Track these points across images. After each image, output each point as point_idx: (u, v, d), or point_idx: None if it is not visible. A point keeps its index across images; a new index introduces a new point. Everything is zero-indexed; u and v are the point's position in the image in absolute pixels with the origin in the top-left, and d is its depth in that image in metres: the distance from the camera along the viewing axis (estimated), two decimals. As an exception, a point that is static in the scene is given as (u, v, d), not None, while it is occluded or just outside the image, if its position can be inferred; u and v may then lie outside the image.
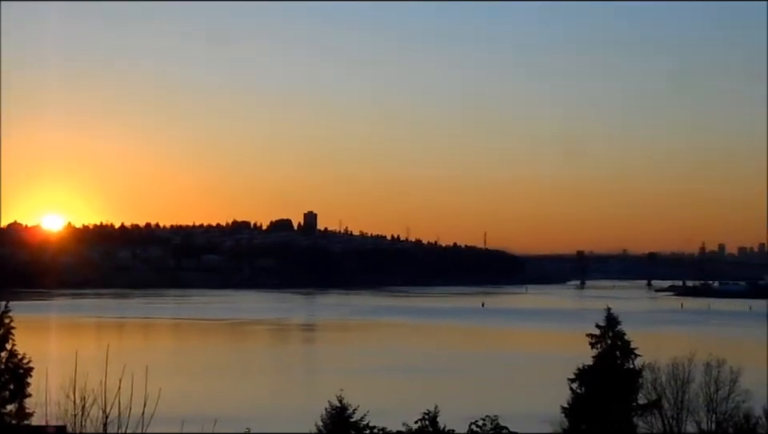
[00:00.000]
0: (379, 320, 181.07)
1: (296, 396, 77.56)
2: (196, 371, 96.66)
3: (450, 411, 26.46)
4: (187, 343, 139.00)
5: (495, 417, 22.83)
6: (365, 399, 31.69)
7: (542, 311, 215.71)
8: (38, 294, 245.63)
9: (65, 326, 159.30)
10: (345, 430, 29.43)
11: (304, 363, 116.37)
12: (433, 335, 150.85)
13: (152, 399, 16.47)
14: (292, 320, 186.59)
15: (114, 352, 18.08)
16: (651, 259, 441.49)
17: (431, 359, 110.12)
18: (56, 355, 22.66)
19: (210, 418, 17.48)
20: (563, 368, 39.02)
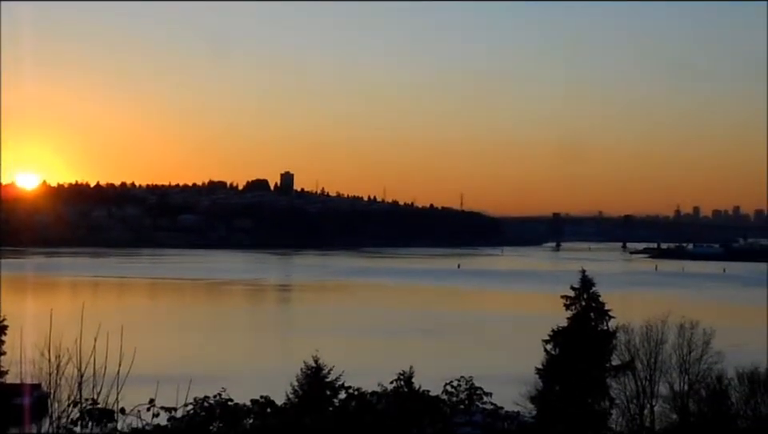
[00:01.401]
0: (355, 281, 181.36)
1: (272, 357, 77.73)
2: (171, 331, 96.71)
3: (425, 372, 26.58)
4: (163, 303, 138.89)
5: (470, 378, 22.95)
6: (340, 360, 31.76)
7: (517, 272, 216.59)
8: (13, 252, 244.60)
9: (40, 284, 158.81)
10: (320, 390, 29.53)
11: (280, 324, 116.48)
12: (409, 297, 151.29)
13: (127, 358, 16.41)
14: (268, 281, 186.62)
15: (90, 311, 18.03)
16: (627, 222, 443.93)
17: (407, 320, 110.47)
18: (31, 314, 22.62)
19: (185, 378, 17.47)
20: (538, 330, 39.24)
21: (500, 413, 21.87)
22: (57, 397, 16.60)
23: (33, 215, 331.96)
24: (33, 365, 17.05)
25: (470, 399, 22.72)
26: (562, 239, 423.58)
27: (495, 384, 24.34)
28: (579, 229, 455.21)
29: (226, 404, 18.32)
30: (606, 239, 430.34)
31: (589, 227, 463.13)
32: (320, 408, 24.91)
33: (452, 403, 22.51)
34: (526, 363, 39.12)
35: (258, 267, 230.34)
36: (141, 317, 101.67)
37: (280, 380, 32.77)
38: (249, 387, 26.42)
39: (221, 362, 71.51)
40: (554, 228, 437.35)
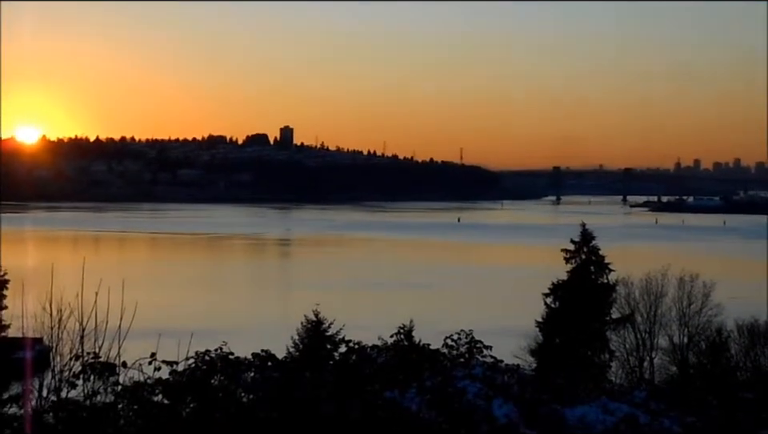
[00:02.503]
0: (355, 235, 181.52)
1: (272, 311, 77.95)
2: (172, 285, 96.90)
3: (426, 326, 26.61)
4: (163, 258, 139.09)
5: (470, 331, 22.93)
6: (341, 314, 31.81)
7: (517, 226, 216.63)
8: (13, 206, 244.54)
9: (40, 239, 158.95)
10: (321, 344, 29.63)
11: (280, 278, 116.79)
12: (409, 250, 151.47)
13: (128, 312, 16.46)
14: (268, 235, 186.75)
15: (91, 266, 18.05)
16: (627, 175, 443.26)
17: (407, 274, 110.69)
18: (32, 268, 22.66)
19: (186, 332, 17.51)
20: (538, 283, 39.32)
21: (500, 366, 21.91)
22: (59, 351, 16.66)
23: (33, 170, 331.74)
24: (34, 319, 17.08)
25: (470, 352, 22.74)
26: (561, 192, 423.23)
27: (495, 338, 24.36)
28: (579, 183, 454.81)
29: (226, 358, 18.35)
30: (607, 192, 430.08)
31: (589, 180, 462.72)
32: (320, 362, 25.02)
33: (452, 357, 22.54)
34: (526, 317, 39.27)
35: (257, 221, 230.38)
36: (141, 272, 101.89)
37: (280, 334, 32.84)
38: (249, 341, 26.52)
39: (221, 316, 71.73)
40: (554, 182, 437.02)
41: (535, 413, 19.53)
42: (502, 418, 19.05)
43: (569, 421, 19.42)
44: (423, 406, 18.98)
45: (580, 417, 19.55)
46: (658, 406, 20.75)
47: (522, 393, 20.29)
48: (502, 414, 19.16)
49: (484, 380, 20.33)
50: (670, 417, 20.18)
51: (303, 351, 29.75)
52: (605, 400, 20.54)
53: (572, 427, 19.21)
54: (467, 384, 19.97)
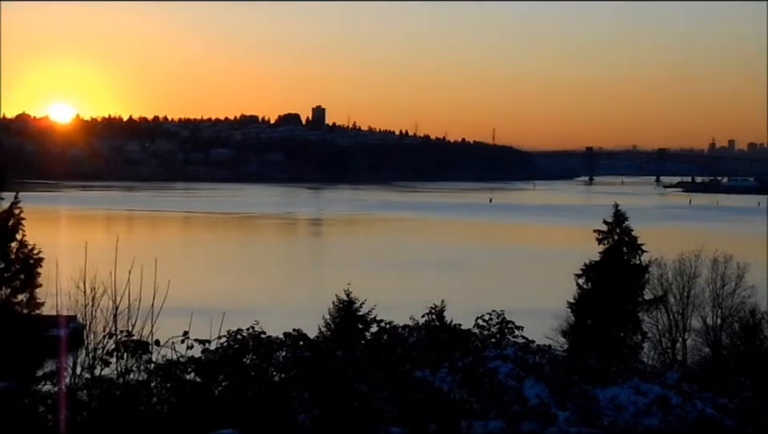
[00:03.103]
0: (387, 215, 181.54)
1: (304, 290, 78.19)
2: (205, 264, 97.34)
3: (457, 306, 26.64)
4: (196, 237, 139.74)
5: (501, 312, 22.92)
6: (372, 293, 31.91)
7: (549, 206, 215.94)
8: (47, 185, 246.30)
9: (74, 217, 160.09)
10: (352, 323, 29.71)
11: (312, 257, 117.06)
12: (440, 231, 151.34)
13: (161, 291, 16.55)
14: (300, 214, 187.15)
15: (124, 244, 18.12)
16: (661, 155, 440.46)
17: (438, 254, 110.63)
18: (66, 247, 22.79)
19: (218, 310, 17.59)
20: (570, 264, 39.21)
21: (531, 347, 21.89)
22: (92, 329, 16.78)
23: (66, 149, 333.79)
24: (68, 297, 17.20)
25: (502, 332, 22.74)
26: (594, 173, 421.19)
27: (526, 318, 24.32)
28: (612, 163, 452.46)
29: (258, 337, 18.42)
30: (640, 173, 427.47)
31: (622, 160, 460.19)
32: (352, 341, 25.08)
33: (483, 337, 22.55)
34: (558, 298, 39.17)
35: (289, 200, 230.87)
36: (174, 250, 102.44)
37: (312, 314, 33.01)
38: (281, 320, 26.61)
39: (253, 295, 72.01)
40: (587, 162, 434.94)
41: (566, 394, 19.51)
42: (533, 398, 19.04)
43: (600, 402, 19.38)
44: (454, 386, 19.00)
45: (611, 398, 19.51)
46: (691, 387, 20.67)
47: (554, 374, 20.26)
48: (534, 394, 19.15)
49: (515, 361, 20.32)
50: (702, 399, 20.11)
51: (335, 330, 29.91)
52: (637, 381, 20.48)
53: (603, 408, 19.18)
54: (498, 365, 19.97)
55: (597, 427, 18.43)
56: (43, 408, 15.96)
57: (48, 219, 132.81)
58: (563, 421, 18.45)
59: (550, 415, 18.61)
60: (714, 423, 19.08)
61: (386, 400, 17.97)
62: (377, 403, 17.77)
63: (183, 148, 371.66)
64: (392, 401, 17.96)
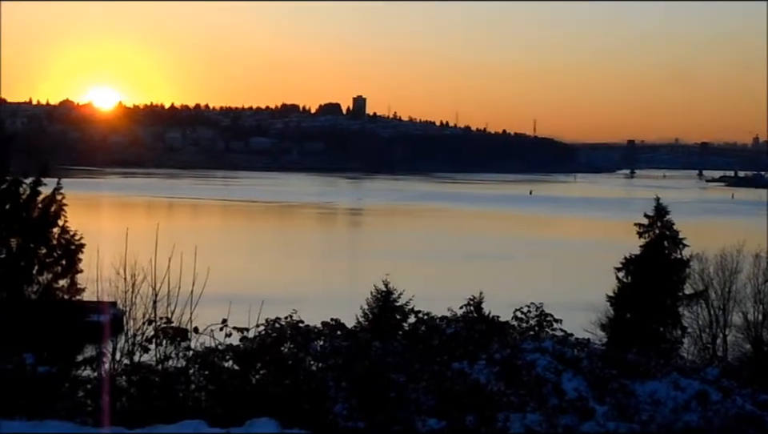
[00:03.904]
0: (426, 206, 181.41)
1: (342, 280, 78.33)
2: (244, 253, 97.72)
3: (495, 298, 26.55)
4: (235, 225, 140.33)
5: (540, 304, 22.84)
6: (410, 284, 31.89)
7: (590, 199, 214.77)
8: (89, 172, 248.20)
9: (115, 204, 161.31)
10: (390, 313, 29.71)
11: (350, 247, 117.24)
12: (479, 222, 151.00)
13: (200, 278, 16.63)
14: (339, 204, 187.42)
15: (164, 231, 18.21)
16: (703, 149, 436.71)
17: (477, 246, 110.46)
18: (107, 233, 22.95)
19: (257, 299, 17.65)
20: (610, 257, 38.99)
21: (570, 340, 21.79)
22: (132, 315, 16.91)
23: (108, 136, 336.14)
24: (109, 283, 17.33)
25: (540, 325, 22.67)
26: (636, 166, 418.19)
27: (565, 311, 24.22)
28: (654, 156, 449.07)
29: (296, 326, 18.47)
30: (682, 166, 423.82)
31: (664, 154, 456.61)
32: (389, 332, 25.08)
33: (521, 330, 22.49)
34: (597, 291, 38.97)
35: (329, 190, 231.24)
36: (214, 238, 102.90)
37: (350, 304, 33.04)
38: (319, 309, 26.64)
39: (292, 284, 72.22)
40: (629, 155, 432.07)
41: (605, 388, 19.41)
42: (571, 392, 18.96)
43: (639, 397, 19.27)
44: (492, 378, 18.96)
45: (650, 393, 19.39)
46: (731, 384, 20.51)
47: (592, 368, 20.17)
48: (572, 388, 19.07)
49: (553, 354, 20.23)
50: (742, 395, 19.94)
51: (372, 320, 29.92)
52: (676, 376, 20.34)
53: (642, 403, 19.06)
54: (537, 357, 19.90)
55: (635, 423, 18.34)
56: (83, 393, 16.11)
57: (90, 205, 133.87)
58: (601, 416, 18.37)
59: (587, 409, 18.53)
60: (754, 419, 18.93)
61: (423, 392, 17.97)
62: (414, 395, 17.78)
63: (224, 136, 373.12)
64: (429, 392, 17.96)
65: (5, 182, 20.19)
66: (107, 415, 14.79)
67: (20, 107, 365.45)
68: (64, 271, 19.95)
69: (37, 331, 18.31)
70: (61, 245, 20.03)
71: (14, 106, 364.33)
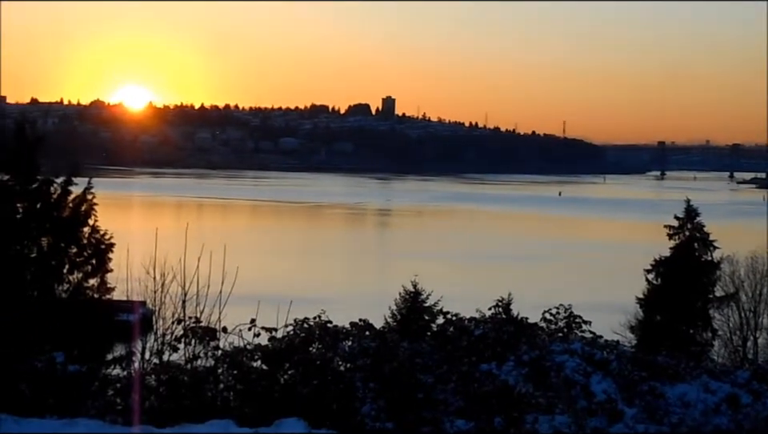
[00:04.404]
0: (455, 207, 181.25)
1: (370, 280, 78.34)
2: (272, 253, 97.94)
3: (524, 299, 26.49)
4: (264, 225, 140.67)
5: (569, 306, 22.76)
6: (439, 285, 31.88)
7: (619, 201, 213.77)
8: (120, 171, 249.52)
9: (145, 204, 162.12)
10: (418, 314, 29.71)
11: (379, 248, 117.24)
12: (508, 223, 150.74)
13: (229, 278, 16.68)
14: (368, 205, 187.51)
15: (193, 231, 18.29)
16: (734, 151, 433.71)
17: (506, 247, 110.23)
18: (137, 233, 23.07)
19: (285, 299, 17.67)
20: (639, 259, 38.82)
21: (599, 342, 21.70)
22: (161, 314, 16.99)
23: (139, 136, 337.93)
24: (138, 283, 17.42)
25: (569, 327, 22.59)
26: (666, 167, 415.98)
27: (594, 313, 24.12)
28: (685, 158, 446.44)
29: (325, 326, 18.48)
30: (713, 168, 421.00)
31: (695, 155, 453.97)
32: (417, 333, 25.08)
33: (550, 331, 22.41)
34: (627, 293, 38.81)
35: (358, 190, 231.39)
36: (243, 238, 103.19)
37: (378, 304, 33.06)
38: (348, 310, 26.68)
39: (320, 284, 72.30)
40: (659, 157, 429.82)
41: (634, 390, 19.33)
42: (600, 394, 18.88)
43: (668, 399, 19.17)
44: (520, 379, 18.91)
45: (680, 395, 19.28)
46: (762, 387, 20.35)
47: (622, 370, 20.07)
48: (601, 390, 18.99)
49: (582, 356, 20.15)
50: (773, 399, 19.78)
51: (401, 321, 29.94)
52: (706, 379, 20.21)
53: (672, 406, 18.96)
54: (565, 359, 19.82)
55: (664, 425, 18.23)
56: (112, 392, 16.20)
57: (120, 205, 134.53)
58: (630, 418, 18.29)
59: (616, 411, 18.45)
60: (785, 423, 18.78)
61: (451, 392, 17.94)
62: (442, 395, 17.76)
63: (253, 137, 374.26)
64: (457, 393, 17.93)
65: (36, 181, 20.33)
66: (137, 414, 14.86)
67: (51, 107, 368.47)
68: (94, 270, 20.07)
69: (67, 330, 18.42)
70: (91, 244, 20.15)
71: (45, 105, 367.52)
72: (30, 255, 19.93)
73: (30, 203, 20.16)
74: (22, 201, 20.15)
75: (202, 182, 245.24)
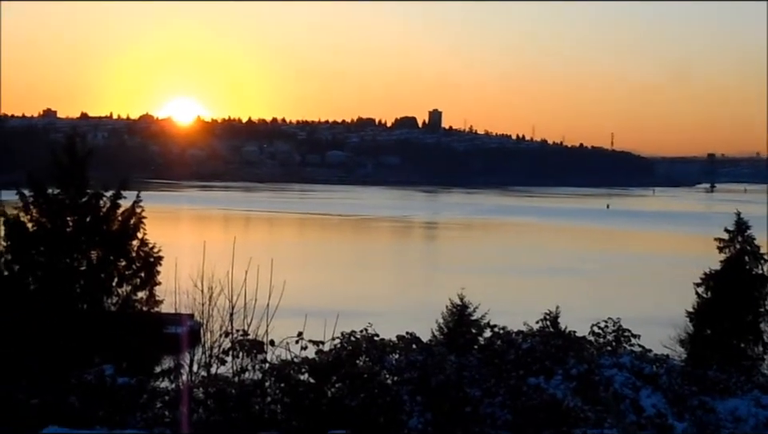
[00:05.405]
0: (502, 220, 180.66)
1: (417, 293, 78.21)
2: (319, 266, 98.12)
3: (572, 313, 26.35)
4: (311, 238, 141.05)
5: (618, 320, 22.55)
6: (486, 298, 31.77)
7: (668, 213, 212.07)
8: (168, 185, 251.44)
9: (193, 217, 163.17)
10: (465, 328, 29.61)
11: (426, 261, 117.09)
12: (556, 236, 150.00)
13: (276, 291, 16.72)
14: (415, 218, 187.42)
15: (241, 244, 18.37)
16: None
17: (554, 260, 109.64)
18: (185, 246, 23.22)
19: (332, 312, 17.69)
20: (689, 272, 38.42)
21: (648, 356, 21.46)
22: (209, 327, 17.06)
23: (187, 149, 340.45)
24: (186, 296, 17.51)
25: (618, 341, 22.36)
26: (716, 180, 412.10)
27: (643, 327, 23.89)
28: (735, 170, 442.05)
29: (372, 339, 18.45)
30: (763, 180, 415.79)
31: (745, 168, 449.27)
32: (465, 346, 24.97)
33: (598, 345, 22.20)
34: (676, 306, 38.43)
35: (404, 203, 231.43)
36: (290, 252, 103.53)
37: (425, 317, 33.00)
38: (394, 323, 26.63)
39: (367, 297, 72.30)
40: (708, 169, 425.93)
41: (684, 404, 19.10)
42: (649, 408, 18.69)
43: (719, 414, 18.93)
44: (568, 393, 18.76)
45: (731, 410, 19.03)
46: (815, 402, 20.05)
47: (671, 384, 19.85)
48: (650, 404, 18.80)
49: (631, 370, 19.95)
50: (826, 414, 19.48)
51: (448, 334, 29.85)
52: (757, 394, 19.95)
53: (722, 421, 18.72)
54: (614, 373, 19.64)
55: (715, 440, 18.02)
56: (161, 404, 16.28)
57: (168, 218, 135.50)
58: (680, 433, 18.08)
59: (666, 426, 18.25)
60: (839, 439, 18.49)
61: (499, 406, 17.84)
62: (489, 409, 17.66)
63: (300, 150, 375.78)
64: (505, 407, 17.83)
65: (86, 195, 20.55)
66: (185, 427, 14.92)
67: (101, 121, 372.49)
68: (143, 283, 20.24)
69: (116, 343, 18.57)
70: (140, 257, 20.33)
71: (95, 120, 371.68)
72: (80, 268, 20.14)
73: (80, 217, 20.38)
74: (72, 214, 20.37)
75: (249, 195, 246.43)
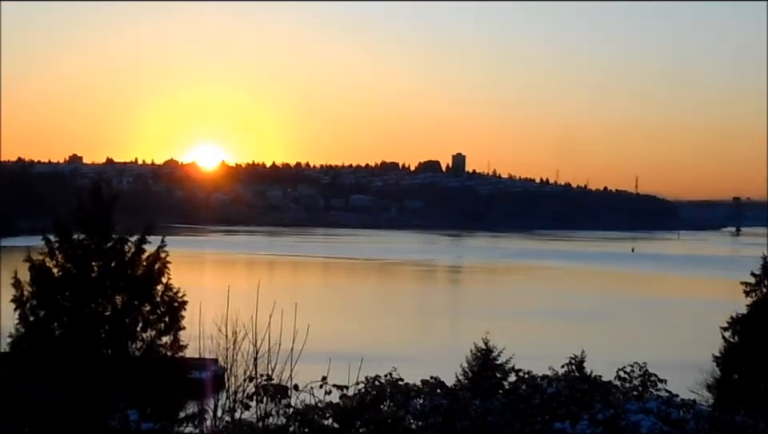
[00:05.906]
0: (526, 263, 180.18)
1: (442, 337, 78.00)
2: (343, 310, 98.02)
3: (598, 357, 26.19)
4: (335, 282, 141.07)
5: (644, 364, 22.37)
6: (511, 342, 31.61)
7: (694, 257, 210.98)
8: (193, 230, 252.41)
9: (218, 262, 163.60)
10: (490, 372, 29.45)
11: (450, 305, 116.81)
12: (581, 280, 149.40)
13: (300, 335, 16.70)
14: (439, 262, 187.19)
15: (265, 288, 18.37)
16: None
17: (578, 304, 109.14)
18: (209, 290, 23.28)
19: (356, 356, 17.63)
20: (715, 316, 38.14)
21: (675, 401, 21.26)
22: (233, 372, 17.02)
23: (212, 194, 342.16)
24: (210, 340, 17.51)
25: (644, 385, 22.17)
26: (742, 224, 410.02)
27: (670, 371, 23.67)
28: (761, 214, 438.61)
29: (396, 384, 18.36)
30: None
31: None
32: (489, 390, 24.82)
33: (624, 390, 22.02)
34: (703, 351, 38.09)
35: (428, 247, 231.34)
36: (314, 296, 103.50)
37: (450, 362, 32.85)
38: (419, 367, 26.51)
39: (391, 342, 72.16)
40: (734, 212, 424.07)
41: (712, 451, 18.89)
42: (676, 454, 18.48)
43: (748, 460, 18.71)
44: (594, 439, 18.59)
45: (760, 457, 18.80)
46: None
47: (699, 429, 19.64)
48: (677, 450, 18.60)
49: (658, 415, 19.76)
50: None
51: (472, 379, 29.70)
52: (786, 439, 19.70)
53: (751, 467, 18.50)
54: (641, 418, 19.46)
55: (744, 487, 17.79)
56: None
57: (193, 262, 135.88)
58: (708, 479, 17.86)
59: (694, 472, 18.04)
60: None
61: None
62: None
63: (324, 194, 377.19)
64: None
65: (111, 240, 20.64)
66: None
67: (126, 167, 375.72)
68: (167, 328, 20.26)
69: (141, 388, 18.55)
70: (164, 302, 20.37)
71: (120, 165, 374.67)
72: (105, 313, 20.19)
73: (105, 262, 20.46)
74: (97, 260, 20.45)
75: (273, 239, 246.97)
